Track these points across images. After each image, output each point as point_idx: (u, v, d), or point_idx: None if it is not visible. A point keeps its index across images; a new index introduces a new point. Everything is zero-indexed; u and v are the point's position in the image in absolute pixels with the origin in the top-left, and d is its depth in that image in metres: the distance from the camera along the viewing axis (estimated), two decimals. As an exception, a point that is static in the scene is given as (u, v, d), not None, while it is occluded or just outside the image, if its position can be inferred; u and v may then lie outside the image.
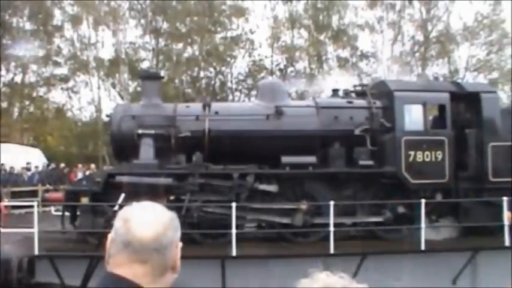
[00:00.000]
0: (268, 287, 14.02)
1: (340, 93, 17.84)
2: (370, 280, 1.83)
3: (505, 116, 17.07)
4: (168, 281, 2.09)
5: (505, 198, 15.62)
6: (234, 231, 14.54)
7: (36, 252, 14.14)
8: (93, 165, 28.70)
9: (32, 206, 15.25)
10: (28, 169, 25.76)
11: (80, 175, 24.01)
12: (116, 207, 14.03)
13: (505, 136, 16.72)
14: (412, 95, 16.77)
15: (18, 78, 42.28)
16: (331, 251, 14.66)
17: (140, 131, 15.77)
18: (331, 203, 15.04)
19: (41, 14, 41.53)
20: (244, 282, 14.38)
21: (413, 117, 16.65)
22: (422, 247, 15.28)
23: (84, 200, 15.24)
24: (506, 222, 15.53)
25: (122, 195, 14.40)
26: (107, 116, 18.23)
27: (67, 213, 15.87)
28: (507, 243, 15.29)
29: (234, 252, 14.51)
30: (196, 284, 12.59)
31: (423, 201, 15.43)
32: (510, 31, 42.98)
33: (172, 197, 15.67)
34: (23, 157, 26.89)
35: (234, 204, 14.65)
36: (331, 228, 14.90)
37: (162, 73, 33.95)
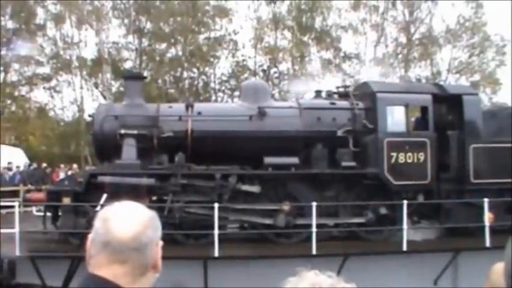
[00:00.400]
0: (250, 287, 14.02)
1: (323, 94, 17.89)
2: (352, 281, 1.84)
3: (486, 118, 17.21)
4: (150, 280, 2.09)
5: (485, 200, 15.74)
6: (216, 231, 14.52)
7: (18, 252, 14.03)
8: (75, 165, 28.63)
9: (13, 206, 15.15)
10: (9, 169, 25.56)
11: (62, 175, 23.90)
12: (98, 208, 13.96)
13: (486, 138, 16.85)
14: (395, 97, 16.84)
15: (-1, 77, 42.04)
16: (314, 251, 14.69)
17: (123, 131, 15.71)
18: (314, 203, 15.07)
19: (23, 13, 41.27)
20: (226, 283, 14.37)
21: (395, 118, 16.71)
22: (404, 248, 15.35)
23: (66, 200, 15.14)
24: (487, 223, 15.64)
25: (104, 196, 14.34)
26: (90, 115, 18.13)
27: (49, 214, 15.77)
28: (488, 244, 15.39)
29: (216, 253, 14.48)
30: (179, 284, 12.56)
31: (405, 202, 15.50)
32: (492, 34, 43.50)
33: (154, 198, 15.66)
34: (5, 157, 26.69)
35: (216, 205, 14.62)
36: (314, 229, 14.93)
37: (145, 73, 33.95)
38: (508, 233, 2.07)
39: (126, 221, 2.06)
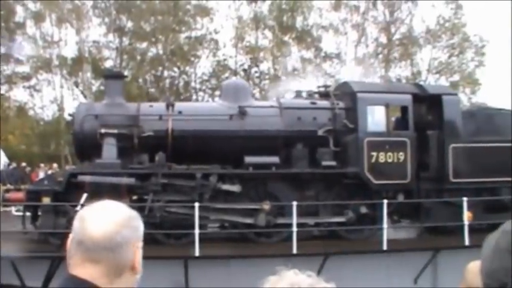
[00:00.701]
0: (231, 287, 14.02)
1: (304, 94, 17.92)
2: (333, 280, 1.85)
3: (465, 118, 17.32)
4: (129, 281, 2.06)
5: (465, 199, 15.86)
6: (197, 231, 14.52)
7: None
8: (55, 165, 28.44)
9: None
10: (-12, 168, 25.37)
11: (41, 175, 23.74)
12: (78, 207, 13.89)
13: (465, 138, 16.95)
14: (375, 97, 16.92)
15: (-22, 76, 41.63)
16: (294, 251, 14.72)
17: (103, 131, 15.64)
18: (294, 203, 15.11)
19: (2, 11, 40.89)
20: (207, 283, 14.36)
21: (375, 118, 16.79)
22: (385, 247, 15.43)
23: (46, 200, 15.04)
24: (466, 222, 15.76)
25: (84, 195, 14.27)
26: (70, 115, 18.04)
27: (28, 214, 15.66)
28: (467, 242, 15.51)
29: (197, 253, 14.48)
30: (160, 284, 12.53)
31: (385, 201, 15.58)
32: (471, 34, 43.80)
33: (135, 197, 15.61)
34: (-17, 156, 26.46)
35: (197, 204, 14.63)
36: (294, 229, 14.97)
37: (126, 72, 33.79)
38: (487, 232, 2.07)
39: (101, 220, 2.04)
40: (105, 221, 2.04)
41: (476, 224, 15.89)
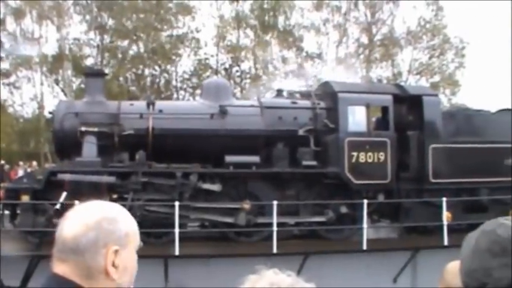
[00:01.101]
0: (211, 286, 13.99)
1: (285, 93, 17.94)
2: (313, 279, 1.84)
3: (445, 119, 17.42)
4: (105, 284, 2.02)
5: (444, 199, 15.97)
6: (177, 230, 14.49)
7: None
8: (34, 163, 28.26)
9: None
10: (-34, 166, 25.18)
11: (21, 172, 23.59)
12: (58, 206, 13.82)
13: (445, 138, 17.06)
14: (356, 97, 16.96)
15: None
16: (274, 250, 14.74)
17: (83, 129, 15.55)
18: (274, 202, 15.12)
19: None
20: (187, 282, 14.32)
21: (356, 118, 16.83)
22: (364, 247, 15.48)
23: (25, 198, 14.92)
24: (445, 222, 15.86)
25: (64, 194, 14.19)
26: (50, 112, 17.93)
27: (7, 212, 15.54)
28: (446, 242, 15.60)
29: (177, 252, 14.45)
30: (139, 284, 12.48)
31: (365, 201, 15.63)
32: (451, 36, 44.07)
33: (115, 196, 15.53)
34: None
35: (177, 203, 14.59)
36: (274, 228, 14.98)
37: (107, 70, 33.56)
38: (466, 232, 2.09)
39: (74, 221, 2.02)
40: (77, 222, 2.01)
41: (455, 224, 16.00)
